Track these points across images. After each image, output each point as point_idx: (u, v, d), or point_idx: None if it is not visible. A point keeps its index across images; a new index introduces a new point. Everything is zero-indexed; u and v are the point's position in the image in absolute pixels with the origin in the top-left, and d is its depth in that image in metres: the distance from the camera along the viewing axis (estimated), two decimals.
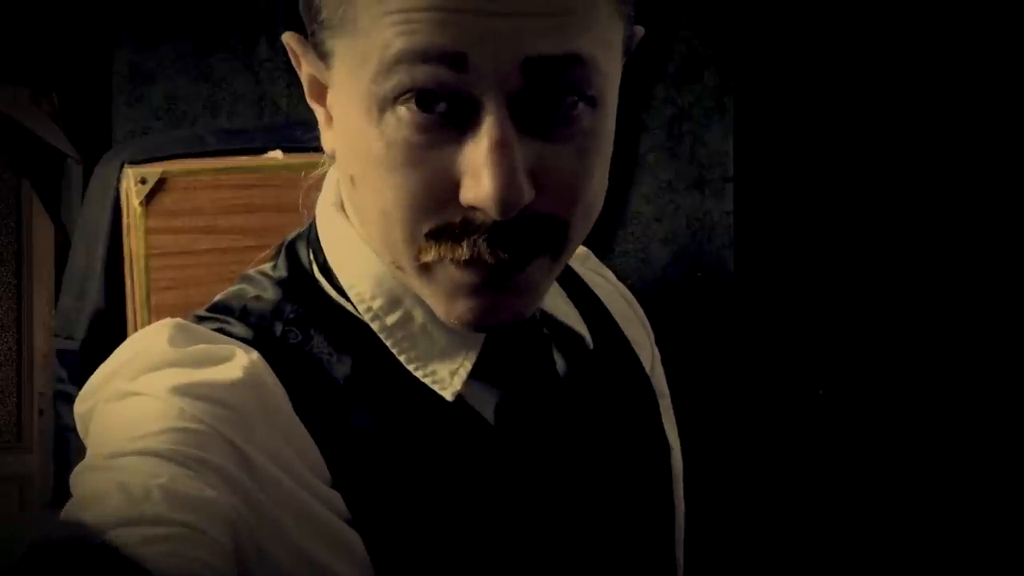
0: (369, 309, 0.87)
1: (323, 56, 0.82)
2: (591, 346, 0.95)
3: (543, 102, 0.76)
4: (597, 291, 1.03)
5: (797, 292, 3.71)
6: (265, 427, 0.78)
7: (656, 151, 3.75)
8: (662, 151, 3.75)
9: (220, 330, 0.85)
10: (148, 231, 1.88)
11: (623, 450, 0.96)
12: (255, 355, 0.81)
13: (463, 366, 0.86)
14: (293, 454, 0.79)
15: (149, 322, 1.90)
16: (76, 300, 2.10)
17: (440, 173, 0.76)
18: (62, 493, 2.22)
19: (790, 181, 3.76)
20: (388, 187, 0.78)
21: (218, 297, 0.90)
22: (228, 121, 3.76)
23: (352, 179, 0.82)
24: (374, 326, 0.87)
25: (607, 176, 0.84)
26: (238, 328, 0.85)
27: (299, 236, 0.94)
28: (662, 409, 1.05)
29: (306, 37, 0.85)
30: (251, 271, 0.93)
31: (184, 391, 0.77)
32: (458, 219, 0.77)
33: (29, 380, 3.42)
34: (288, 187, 1.98)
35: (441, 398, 0.85)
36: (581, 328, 0.95)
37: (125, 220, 1.95)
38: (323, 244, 0.91)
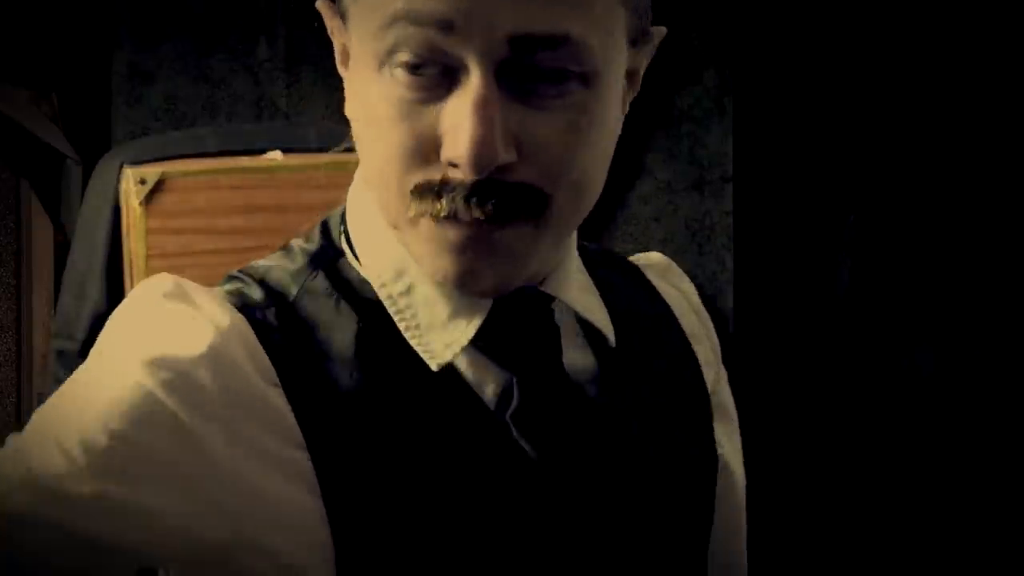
0: (379, 277, 0.90)
1: (343, 19, 0.88)
2: (613, 344, 0.94)
3: (530, 73, 0.79)
4: (668, 297, 1.04)
5: (796, 293, 3.72)
6: (220, 400, 0.80)
7: (655, 151, 3.75)
8: (661, 151, 3.75)
9: (236, 291, 0.89)
10: (148, 232, 1.87)
11: (643, 453, 0.95)
12: (231, 325, 0.84)
13: (458, 341, 0.87)
14: (255, 427, 0.81)
15: None
16: (75, 300, 2.10)
17: (426, 130, 0.80)
18: None
19: (790, 182, 3.76)
20: (382, 142, 0.82)
21: (256, 260, 0.96)
22: (227, 122, 3.76)
23: (360, 138, 0.87)
24: (381, 294, 0.89)
25: (605, 160, 0.86)
26: (253, 290, 0.89)
27: (336, 211, 1.00)
28: (722, 428, 1.06)
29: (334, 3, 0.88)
30: (291, 242, 0.99)
31: (146, 363, 0.80)
32: (439, 176, 0.81)
33: (28, 381, 3.42)
34: (288, 188, 1.98)
35: (438, 371, 0.87)
36: (604, 325, 0.95)
37: (124, 221, 1.95)
38: (347, 216, 0.96)
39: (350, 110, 0.90)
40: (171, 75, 3.79)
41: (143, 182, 1.86)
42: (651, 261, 1.09)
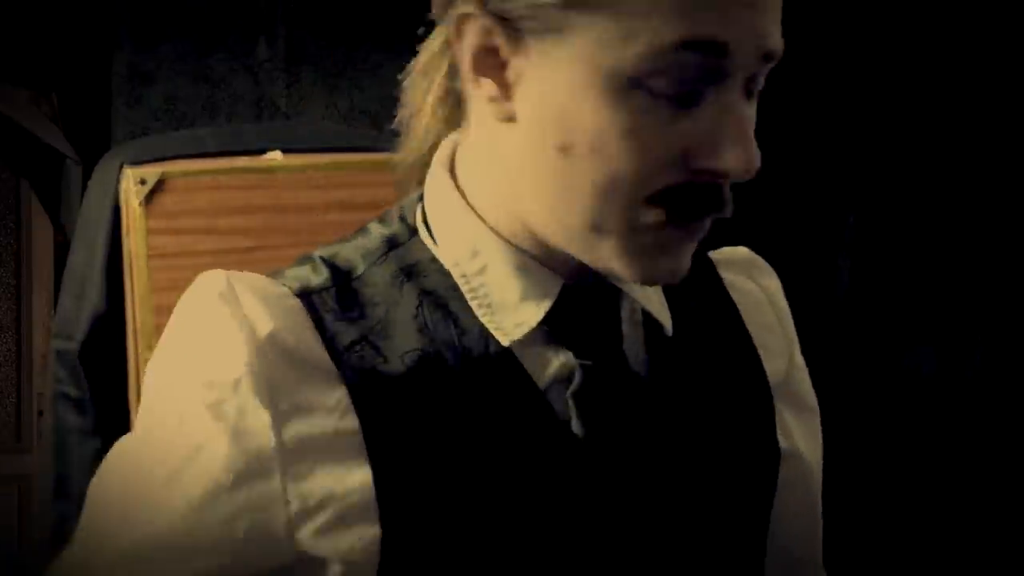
0: (453, 257, 0.93)
1: (536, 30, 0.84)
2: (669, 333, 0.97)
3: (754, 87, 0.86)
4: (735, 294, 1.07)
5: (796, 293, 3.71)
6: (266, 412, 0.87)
7: None
8: None
9: (299, 276, 0.96)
10: (148, 232, 1.87)
11: (696, 440, 0.98)
12: (273, 330, 0.89)
13: (527, 321, 0.91)
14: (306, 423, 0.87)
15: (149, 323, 1.89)
16: (75, 301, 2.10)
17: (674, 141, 0.83)
18: (61, 494, 2.22)
19: (789, 182, 3.76)
20: (619, 155, 0.83)
21: (336, 240, 1.00)
22: (227, 122, 3.76)
23: (563, 147, 0.85)
24: (454, 272, 0.93)
25: None
26: (318, 272, 0.94)
27: (413, 195, 1.02)
28: (794, 418, 1.08)
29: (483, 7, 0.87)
30: (369, 224, 1.03)
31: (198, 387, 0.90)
32: (681, 181, 0.84)
33: (28, 381, 3.42)
34: (288, 188, 1.98)
35: (497, 349, 0.91)
36: (662, 315, 0.98)
37: (124, 221, 1.95)
38: (426, 199, 0.97)
39: (507, 112, 0.89)
40: (171, 75, 3.79)
41: (143, 182, 1.86)
42: (734, 256, 1.11)
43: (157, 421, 0.92)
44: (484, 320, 0.92)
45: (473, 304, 0.92)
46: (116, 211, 2.01)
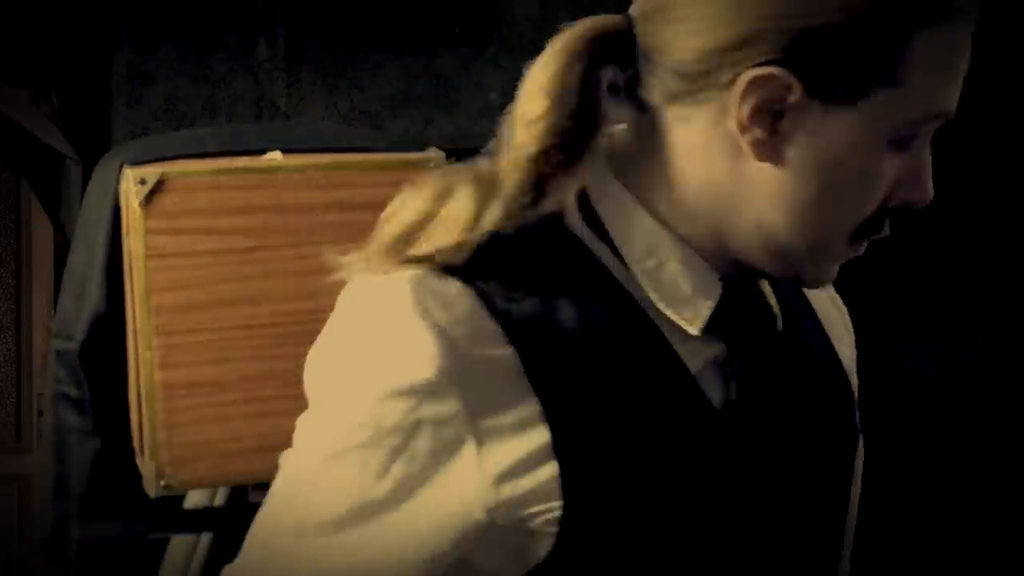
0: (630, 254, 1.04)
1: (834, 98, 0.97)
2: (780, 328, 1.12)
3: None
4: (809, 297, 1.21)
5: None
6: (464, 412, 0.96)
7: None
8: None
9: (475, 273, 1.00)
10: (147, 232, 1.87)
11: (809, 420, 1.12)
12: (460, 328, 0.96)
13: (700, 314, 1.03)
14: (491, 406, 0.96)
15: (148, 323, 1.90)
16: (75, 301, 2.10)
17: (890, 178, 1.01)
18: (61, 494, 2.22)
19: None
20: (864, 195, 1.01)
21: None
22: (227, 122, 3.76)
23: (825, 188, 1.00)
24: (634, 269, 1.03)
25: None
26: (492, 266, 1.00)
27: (568, 197, 1.06)
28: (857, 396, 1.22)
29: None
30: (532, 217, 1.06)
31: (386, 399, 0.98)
32: (876, 209, 1.02)
33: (28, 381, 3.42)
34: (288, 188, 1.98)
35: (654, 335, 1.02)
36: (778, 313, 1.12)
37: (124, 221, 1.95)
38: (594, 201, 1.05)
39: (769, 154, 1.00)
40: (171, 76, 3.79)
41: (143, 182, 1.86)
42: None
43: (345, 432, 1.00)
44: (668, 312, 1.03)
45: (654, 296, 1.03)
46: (116, 211, 2.00)
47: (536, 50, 1.11)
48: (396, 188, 2.05)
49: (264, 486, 2.25)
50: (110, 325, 2.02)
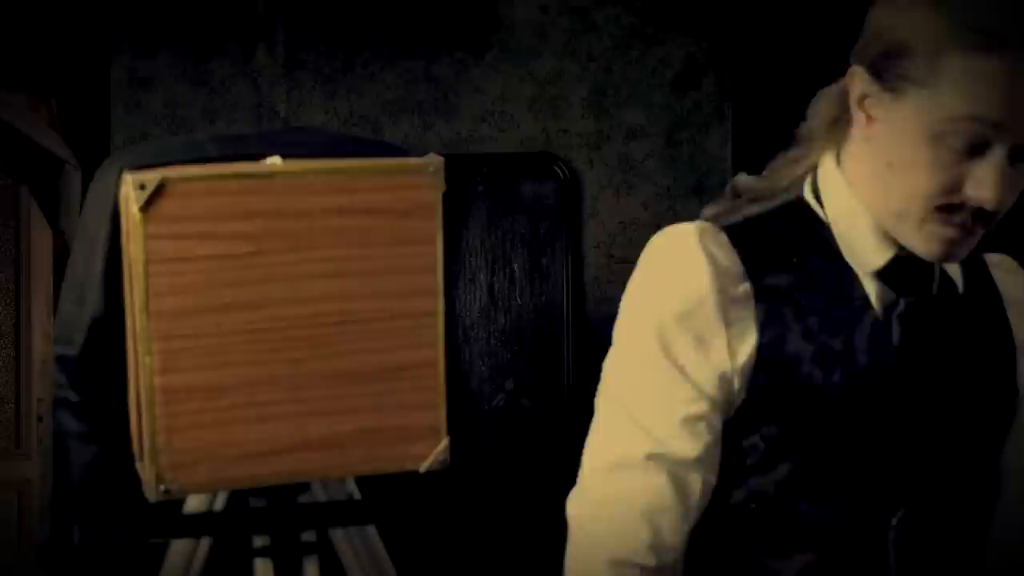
0: (834, 218, 1.43)
1: (891, 89, 1.34)
2: (961, 291, 1.45)
3: (1017, 156, 1.30)
4: (999, 280, 1.52)
5: None
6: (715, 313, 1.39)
7: (655, 157, 3.75)
8: (661, 157, 3.75)
9: (727, 227, 1.43)
10: (147, 237, 1.88)
11: (971, 375, 1.44)
12: (716, 263, 1.39)
13: (874, 263, 1.40)
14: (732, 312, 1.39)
15: (148, 328, 1.90)
16: (75, 306, 2.10)
17: (956, 178, 1.30)
18: (61, 499, 2.22)
19: None
20: (923, 180, 1.31)
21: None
22: (227, 127, 3.77)
23: (890, 164, 1.35)
24: (833, 228, 1.42)
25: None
26: (730, 222, 1.43)
27: (806, 182, 1.48)
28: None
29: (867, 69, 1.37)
30: (778, 196, 1.50)
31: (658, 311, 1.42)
32: (957, 201, 1.31)
33: (28, 387, 3.41)
34: (288, 193, 1.98)
35: (852, 278, 1.41)
36: (957, 278, 1.45)
37: (124, 226, 1.96)
38: (820, 184, 1.46)
39: (867, 134, 1.38)
40: (170, 81, 3.80)
41: (143, 187, 1.86)
42: (1003, 259, 1.57)
43: (636, 339, 1.42)
44: (847, 257, 1.41)
45: (842, 246, 1.41)
46: (116, 216, 2.01)
47: (535, 55, 1.13)
48: (395, 193, 2.06)
49: (263, 491, 2.27)
50: (110, 330, 2.03)
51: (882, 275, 1.41)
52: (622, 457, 1.39)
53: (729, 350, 1.38)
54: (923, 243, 1.36)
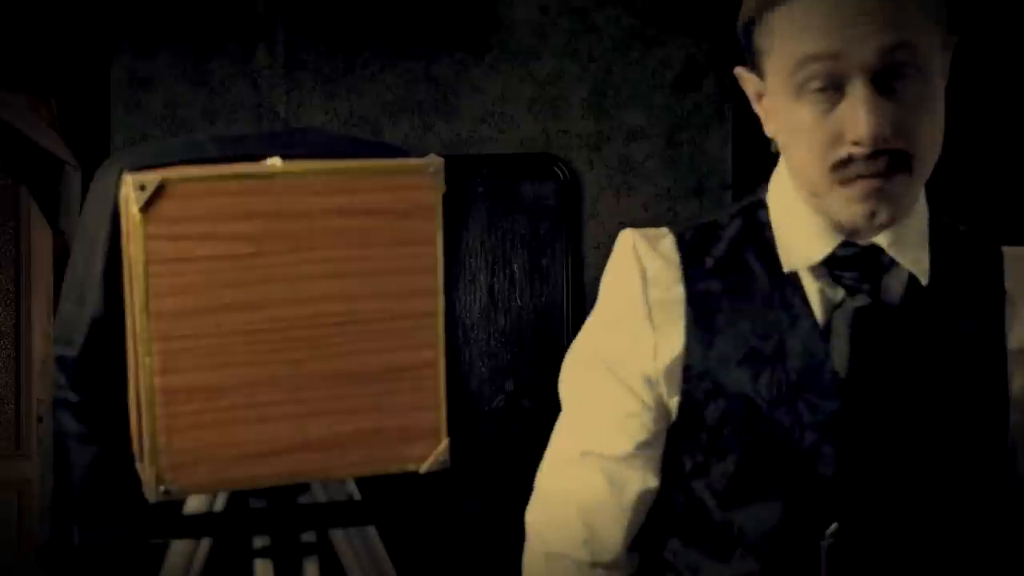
0: (776, 220, 1.39)
1: (761, 74, 1.34)
2: (924, 283, 1.35)
3: (888, 73, 1.25)
4: (1012, 275, 1.40)
5: None
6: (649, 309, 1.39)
7: (655, 158, 3.75)
8: (661, 158, 3.75)
9: (676, 231, 1.43)
10: (147, 237, 1.87)
11: (934, 381, 1.35)
12: (658, 261, 1.40)
13: (807, 259, 1.35)
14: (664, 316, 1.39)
15: (148, 328, 1.90)
16: (75, 307, 2.10)
17: (832, 125, 1.26)
18: (61, 500, 2.22)
19: None
20: (803, 140, 1.29)
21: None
22: (227, 128, 3.77)
23: (786, 145, 1.34)
24: (773, 224, 1.39)
25: (940, 130, 1.30)
26: (685, 227, 1.44)
27: (763, 187, 1.46)
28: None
29: (747, 67, 1.37)
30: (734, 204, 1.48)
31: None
32: (846, 154, 1.26)
33: (28, 387, 3.42)
34: (288, 194, 1.98)
35: (789, 273, 1.36)
36: (915, 267, 1.35)
37: (124, 227, 1.96)
38: (769, 187, 1.43)
39: (772, 130, 1.37)
40: (170, 81, 3.80)
41: (143, 188, 1.86)
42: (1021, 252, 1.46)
43: (601, 315, 1.46)
44: (787, 257, 1.36)
45: (781, 247, 1.37)
46: (116, 217, 2.01)
47: (535, 56, 1.16)
48: (395, 194, 2.06)
49: (263, 491, 2.27)
50: (110, 331, 2.03)
51: (829, 273, 1.36)
52: (562, 454, 1.44)
53: (655, 354, 1.37)
54: (844, 211, 1.30)
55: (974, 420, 1.36)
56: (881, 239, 1.34)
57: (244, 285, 1.92)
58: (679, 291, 1.38)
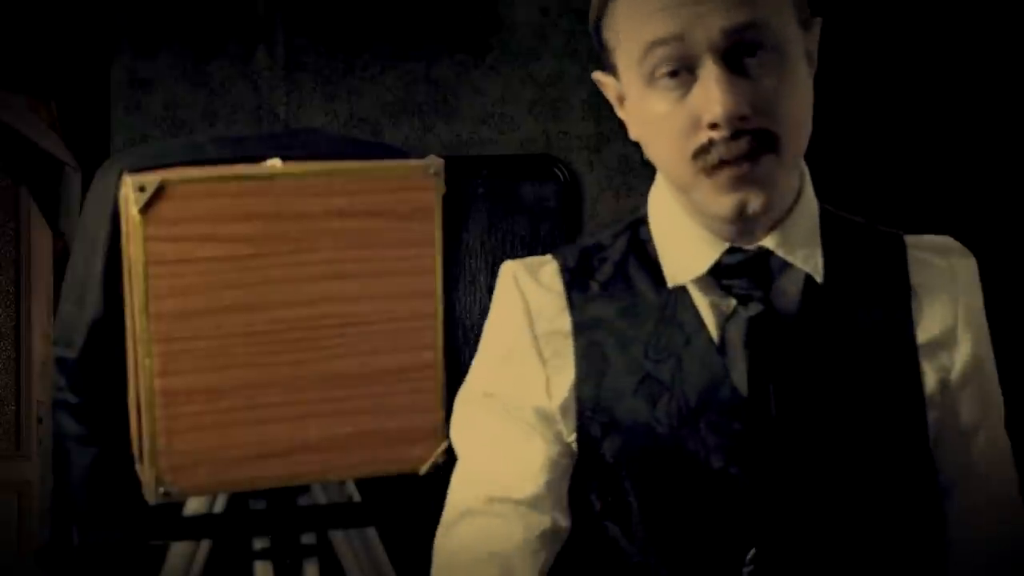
0: (657, 235, 1.31)
1: (616, 73, 1.27)
2: (819, 281, 1.27)
3: (739, 52, 1.17)
4: (917, 266, 1.32)
5: None
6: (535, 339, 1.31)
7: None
8: None
9: (559, 252, 1.35)
10: (147, 239, 1.87)
11: (832, 371, 1.26)
12: (537, 294, 1.32)
13: (691, 271, 1.26)
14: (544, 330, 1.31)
15: (148, 330, 1.90)
16: (75, 308, 2.10)
17: (687, 112, 1.18)
18: (60, 501, 2.22)
19: None
20: (663, 134, 1.21)
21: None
22: (227, 129, 3.76)
23: (647, 144, 1.26)
24: (655, 238, 1.31)
25: (806, 108, 1.23)
26: (569, 251, 1.35)
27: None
28: (961, 367, 1.31)
29: (604, 70, 1.29)
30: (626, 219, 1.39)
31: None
32: (706, 139, 1.18)
33: (28, 388, 3.42)
34: (287, 195, 1.98)
35: (676, 288, 1.27)
36: (807, 265, 1.27)
37: (124, 228, 1.95)
38: (650, 199, 1.34)
39: (635, 131, 1.28)
40: (170, 82, 3.80)
41: (142, 189, 1.86)
42: (934, 241, 1.37)
43: (488, 353, 1.37)
44: (672, 272, 1.28)
45: (665, 262, 1.29)
46: (115, 218, 2.00)
47: (535, 57, 1.18)
48: (395, 195, 2.06)
49: (263, 493, 2.27)
50: (109, 332, 2.03)
51: (719, 284, 1.27)
52: (464, 505, 1.32)
53: (548, 389, 1.29)
54: (714, 203, 1.21)
55: (890, 424, 1.28)
56: (768, 241, 1.26)
57: (244, 286, 1.92)
58: (565, 321, 1.30)
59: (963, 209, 3.68)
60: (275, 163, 1.98)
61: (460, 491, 1.33)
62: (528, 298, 1.31)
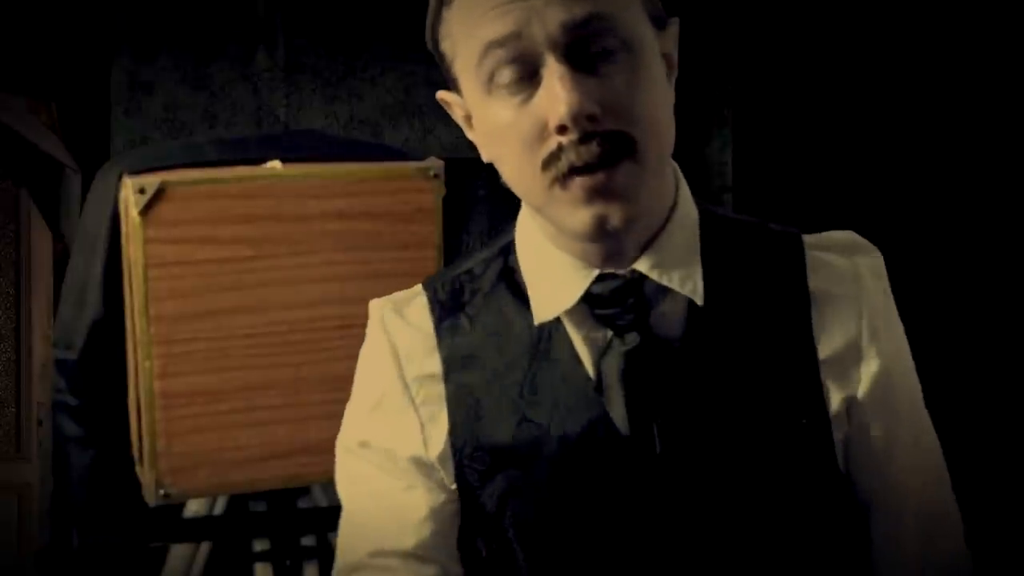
0: (524, 264, 1.21)
1: (458, 88, 1.16)
2: (700, 303, 1.15)
3: (584, 49, 1.07)
4: (817, 268, 1.20)
5: None
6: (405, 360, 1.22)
7: None
8: None
9: (429, 283, 1.25)
10: (147, 241, 1.88)
11: (726, 396, 1.15)
12: (406, 334, 1.23)
13: (560, 305, 1.16)
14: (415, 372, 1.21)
15: (148, 332, 1.90)
16: (75, 310, 2.10)
17: (533, 117, 1.08)
18: (60, 503, 2.22)
19: (788, 191, 3.76)
20: (508, 144, 1.10)
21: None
22: (226, 131, 3.77)
23: (498, 163, 1.15)
24: (522, 267, 1.21)
25: (666, 108, 1.12)
26: (448, 278, 1.25)
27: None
28: (869, 381, 1.18)
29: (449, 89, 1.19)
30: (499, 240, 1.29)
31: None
32: (555, 145, 1.07)
33: (28, 390, 3.41)
34: (287, 197, 1.98)
35: (547, 322, 1.17)
36: (690, 290, 1.15)
37: (124, 230, 1.95)
38: (517, 224, 1.25)
39: (486, 152, 1.18)
40: (170, 84, 3.80)
41: (142, 191, 1.86)
42: (833, 238, 1.25)
43: (360, 400, 1.27)
44: (540, 304, 1.17)
45: (533, 293, 1.18)
46: (115, 220, 2.00)
47: None
48: (395, 197, 2.06)
49: (263, 495, 2.27)
50: (109, 334, 2.03)
51: (592, 315, 1.16)
52: (350, 561, 1.23)
53: (424, 436, 1.19)
54: (570, 219, 1.10)
55: (791, 451, 1.16)
56: (641, 264, 1.15)
57: (244, 288, 1.92)
58: (435, 364, 1.20)
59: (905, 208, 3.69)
60: (275, 165, 1.98)
61: (346, 544, 1.25)
62: (395, 340, 1.23)
